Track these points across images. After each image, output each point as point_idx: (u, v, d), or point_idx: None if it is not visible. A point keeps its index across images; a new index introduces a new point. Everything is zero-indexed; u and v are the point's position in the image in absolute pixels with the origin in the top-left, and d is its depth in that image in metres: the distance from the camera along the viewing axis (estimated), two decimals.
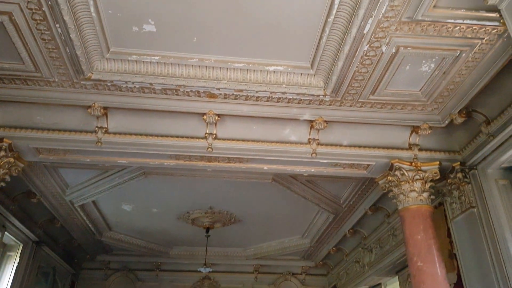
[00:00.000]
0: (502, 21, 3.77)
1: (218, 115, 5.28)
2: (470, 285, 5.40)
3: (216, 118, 5.26)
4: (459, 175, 5.63)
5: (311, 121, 5.40)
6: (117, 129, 5.35)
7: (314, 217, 9.17)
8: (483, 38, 4.21)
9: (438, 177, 5.63)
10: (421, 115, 5.46)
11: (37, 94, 5.02)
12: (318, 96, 5.07)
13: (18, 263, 8.13)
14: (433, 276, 5.05)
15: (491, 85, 4.74)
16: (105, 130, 5.30)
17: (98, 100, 5.09)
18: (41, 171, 6.73)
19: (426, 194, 5.53)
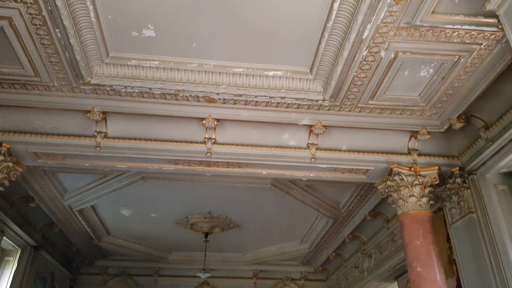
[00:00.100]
0: (500, 26, 3.79)
1: (217, 120, 5.28)
2: None
3: (215, 122, 5.26)
4: (458, 180, 5.63)
5: (310, 126, 5.41)
6: (116, 133, 5.35)
7: (313, 222, 9.15)
8: (482, 44, 4.22)
9: (437, 182, 5.63)
10: (420, 120, 5.47)
11: (36, 99, 5.02)
12: (317, 101, 5.08)
13: (16, 268, 8.10)
14: (432, 281, 5.04)
15: (490, 90, 4.75)
16: (104, 134, 5.30)
17: (97, 104, 5.09)
18: (39, 176, 6.72)
19: (425, 199, 5.52)
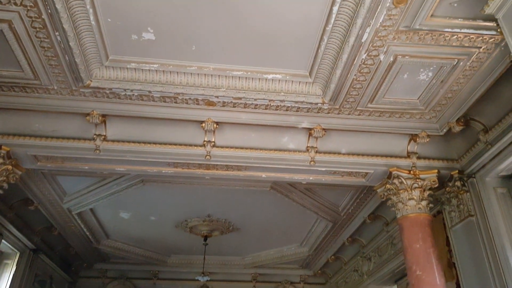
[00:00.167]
0: (499, 30, 3.80)
1: (217, 123, 5.28)
2: None
3: (214, 125, 5.27)
4: (458, 184, 5.63)
5: (310, 129, 5.41)
6: (115, 136, 5.35)
7: (313, 225, 9.15)
8: (481, 47, 4.23)
9: (436, 185, 5.63)
10: (419, 124, 5.47)
11: (35, 102, 5.02)
12: (317, 104, 5.08)
13: (15, 271, 8.09)
14: (432, 285, 5.03)
15: (489, 93, 4.76)
16: (103, 137, 5.30)
17: (96, 107, 5.10)
18: (39, 179, 6.71)
19: (424, 203, 5.52)
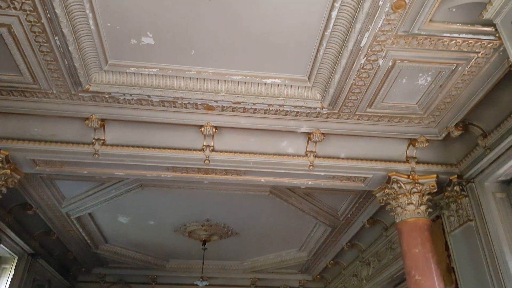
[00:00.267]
0: (497, 35, 3.80)
1: (216, 127, 5.29)
2: None
3: (213, 130, 5.27)
4: (457, 188, 5.63)
5: (309, 133, 5.41)
6: (114, 141, 5.35)
7: (312, 230, 9.14)
8: (479, 52, 4.25)
9: (435, 190, 5.62)
10: (418, 128, 5.48)
11: (34, 106, 5.02)
12: (316, 108, 5.09)
13: (13, 276, 8.06)
14: None
15: (487, 98, 4.77)
16: (102, 142, 5.30)
17: (95, 112, 5.10)
18: (37, 183, 6.70)
19: (423, 207, 5.52)
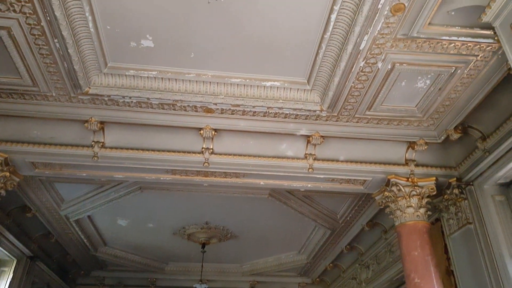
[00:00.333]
0: (496, 38, 3.81)
1: (215, 130, 5.29)
2: None
3: (213, 132, 5.27)
4: (456, 191, 5.63)
5: (308, 136, 5.42)
6: (113, 143, 5.35)
7: (311, 233, 9.13)
8: (478, 55, 4.26)
9: (434, 193, 5.62)
10: (417, 131, 5.49)
11: (34, 109, 5.03)
12: (315, 111, 5.09)
13: (12, 279, 8.03)
14: None
15: (486, 101, 4.78)
16: (101, 144, 5.29)
17: (95, 114, 5.10)
18: (36, 186, 6.69)
19: (422, 210, 5.51)
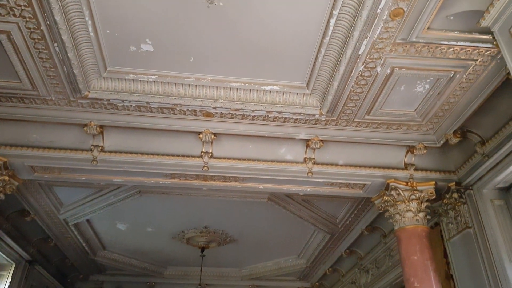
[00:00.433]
0: (495, 43, 3.83)
1: (214, 134, 5.29)
2: None
3: (212, 136, 5.27)
4: (455, 195, 5.63)
5: (307, 140, 5.42)
6: (113, 147, 5.35)
7: (310, 237, 9.12)
8: (477, 60, 4.27)
9: (434, 197, 5.62)
10: (416, 135, 5.49)
11: (33, 112, 5.02)
12: (314, 115, 5.10)
13: (10, 283, 8.01)
14: None
15: (485, 106, 4.79)
16: (101, 148, 5.29)
17: (94, 118, 5.10)
18: (35, 189, 6.68)
19: (422, 214, 5.51)
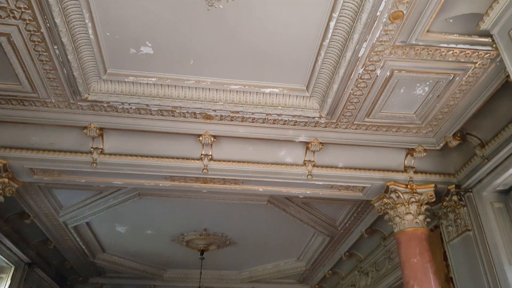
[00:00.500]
0: (494, 45, 3.84)
1: (214, 136, 5.29)
2: None
3: (212, 139, 5.27)
4: (455, 198, 5.63)
5: (307, 142, 5.42)
6: (112, 150, 5.34)
7: (310, 239, 9.10)
8: (476, 62, 4.27)
9: (433, 199, 5.62)
10: (416, 138, 5.49)
11: (33, 115, 5.03)
12: (314, 118, 5.10)
13: (9, 285, 7.99)
14: None
15: (485, 108, 4.79)
16: (100, 151, 5.29)
17: (94, 121, 5.10)
18: (35, 192, 6.67)
19: (421, 217, 5.51)
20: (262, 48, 4.32)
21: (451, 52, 4.12)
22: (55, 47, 4.08)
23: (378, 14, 3.65)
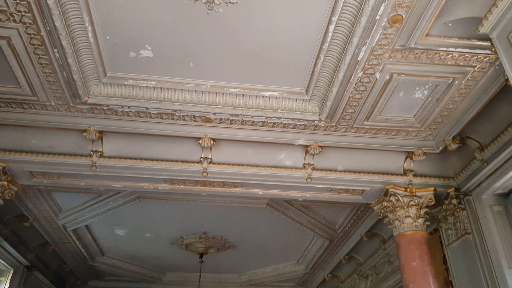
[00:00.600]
0: (493, 49, 3.85)
1: (214, 140, 5.29)
2: None
3: (211, 142, 5.27)
4: (454, 201, 5.63)
5: (306, 146, 5.42)
6: (112, 153, 5.35)
7: (309, 243, 9.09)
8: (475, 66, 4.28)
9: (433, 203, 5.62)
10: (415, 141, 5.50)
11: (33, 118, 5.03)
12: (313, 121, 5.10)
13: None
14: None
15: (484, 112, 4.80)
16: (100, 154, 5.29)
17: (93, 124, 5.10)
18: (34, 195, 6.67)
19: (421, 220, 5.51)
20: (261, 51, 4.33)
21: (450, 55, 4.13)
22: (55, 50, 4.09)
23: (378, 18, 3.66)
